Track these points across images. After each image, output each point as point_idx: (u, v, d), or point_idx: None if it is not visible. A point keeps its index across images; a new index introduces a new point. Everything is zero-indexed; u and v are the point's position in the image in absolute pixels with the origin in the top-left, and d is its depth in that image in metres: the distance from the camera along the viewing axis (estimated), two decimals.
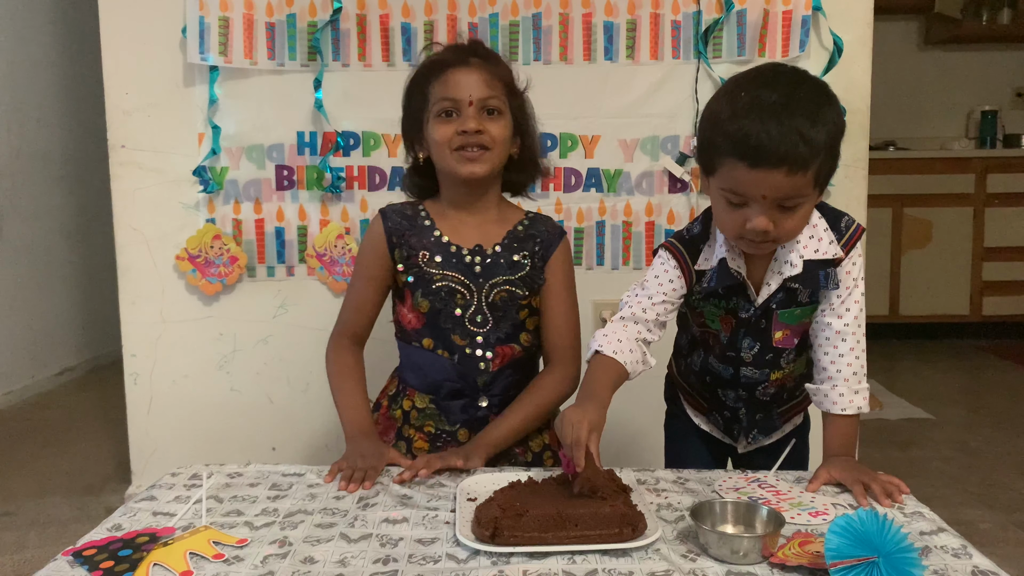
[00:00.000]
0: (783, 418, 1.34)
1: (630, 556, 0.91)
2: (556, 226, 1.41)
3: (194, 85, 2.12)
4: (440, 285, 1.32)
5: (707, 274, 1.21)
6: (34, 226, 3.54)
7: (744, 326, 1.24)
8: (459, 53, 1.33)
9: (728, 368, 1.29)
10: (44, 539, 2.06)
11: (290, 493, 1.11)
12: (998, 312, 4.25)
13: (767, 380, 1.28)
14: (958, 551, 0.92)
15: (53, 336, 3.65)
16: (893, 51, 4.42)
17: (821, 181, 1.09)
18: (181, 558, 0.91)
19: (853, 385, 1.18)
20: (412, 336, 1.37)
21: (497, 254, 1.34)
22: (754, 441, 1.35)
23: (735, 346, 1.26)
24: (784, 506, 1.04)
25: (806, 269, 1.16)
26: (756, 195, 1.06)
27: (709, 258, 1.22)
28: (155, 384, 2.23)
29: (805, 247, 1.16)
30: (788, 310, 1.21)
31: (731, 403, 1.32)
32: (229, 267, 2.15)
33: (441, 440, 1.35)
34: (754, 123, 1.03)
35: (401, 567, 0.89)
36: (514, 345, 1.35)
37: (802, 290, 1.19)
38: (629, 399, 2.22)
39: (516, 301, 1.33)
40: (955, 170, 4.18)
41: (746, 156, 1.04)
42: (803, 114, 1.04)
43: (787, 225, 1.09)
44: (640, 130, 2.13)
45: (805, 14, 2.05)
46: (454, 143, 1.28)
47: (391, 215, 1.38)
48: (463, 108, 1.28)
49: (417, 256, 1.33)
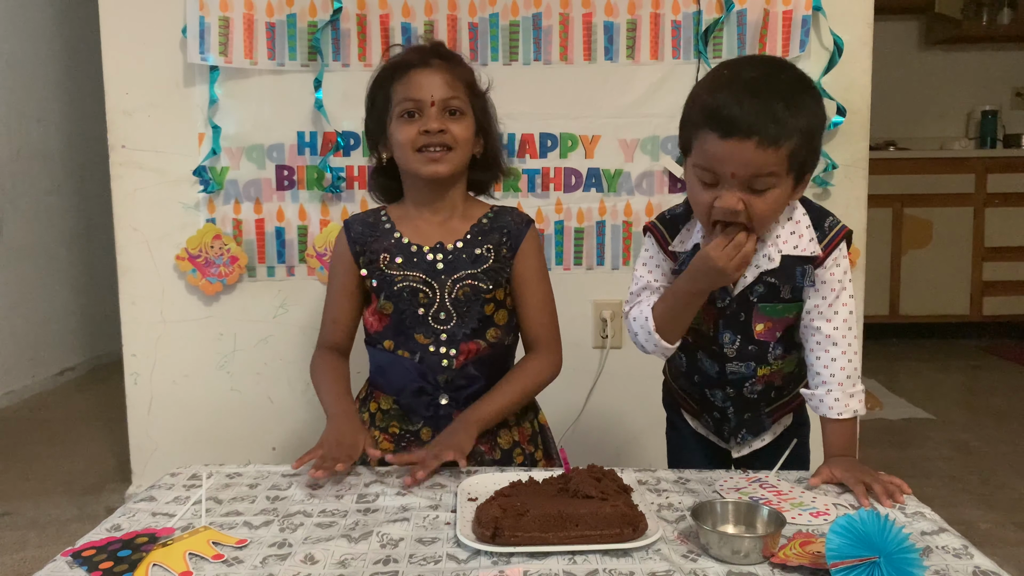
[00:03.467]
0: (772, 418, 1.33)
1: (631, 556, 0.91)
2: (523, 216, 1.42)
3: (194, 85, 2.12)
4: (402, 285, 1.33)
5: (680, 257, 1.23)
6: (34, 226, 3.54)
7: (722, 317, 1.24)
8: (421, 54, 1.35)
9: (714, 365, 1.29)
10: (44, 539, 2.06)
11: (290, 493, 1.11)
12: (998, 312, 4.25)
13: (754, 376, 1.27)
14: (959, 551, 0.92)
15: (53, 336, 3.65)
16: (893, 51, 4.41)
17: (796, 168, 1.09)
18: (180, 559, 0.91)
19: (848, 389, 1.17)
20: (375, 339, 1.39)
21: (459, 250, 1.35)
22: (743, 442, 1.34)
23: (717, 340, 1.26)
24: (785, 506, 1.04)
25: (783, 264, 1.17)
26: (726, 171, 1.07)
27: (685, 241, 1.23)
28: (155, 384, 2.23)
29: (785, 242, 1.17)
30: (771, 304, 1.20)
31: (719, 403, 1.32)
32: (229, 267, 2.15)
33: (405, 440, 1.36)
34: (730, 95, 1.05)
35: (402, 567, 0.89)
36: (479, 341, 1.35)
37: (783, 286, 1.18)
38: (629, 399, 2.23)
39: (480, 295, 1.34)
40: (955, 170, 4.18)
41: (719, 126, 1.05)
42: (780, 95, 1.06)
43: (758, 208, 1.09)
44: (640, 130, 2.13)
45: (805, 14, 2.05)
46: (417, 143, 1.30)
47: (353, 225, 1.40)
48: (425, 108, 1.30)
49: (379, 259, 1.35)
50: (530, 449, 1.39)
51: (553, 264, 2.17)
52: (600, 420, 2.24)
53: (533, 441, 1.40)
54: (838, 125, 2.08)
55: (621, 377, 2.23)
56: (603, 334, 2.20)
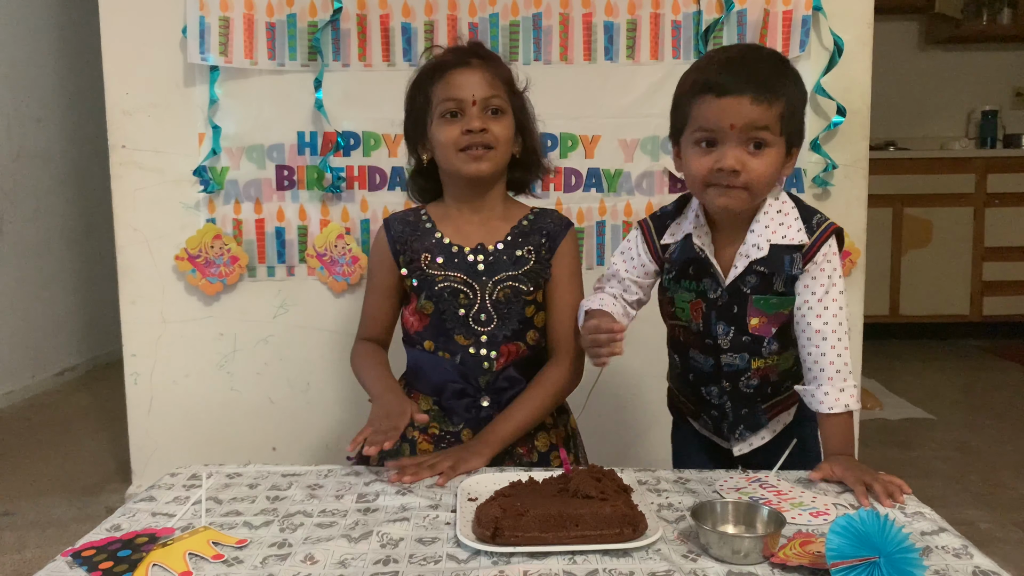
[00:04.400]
0: (768, 415, 1.33)
1: (631, 556, 0.91)
2: (563, 218, 1.41)
3: (194, 85, 2.12)
4: (443, 286, 1.32)
5: (671, 247, 1.29)
6: (34, 226, 3.54)
7: (714, 309, 1.25)
8: (460, 54, 1.34)
9: (708, 359, 1.29)
10: (44, 539, 2.06)
11: (289, 493, 1.11)
12: (998, 312, 4.25)
13: (749, 369, 1.27)
14: (959, 551, 0.92)
15: (53, 336, 3.65)
16: (893, 51, 4.41)
17: (786, 133, 1.16)
18: (180, 559, 0.91)
19: (838, 383, 1.18)
20: (415, 339, 1.38)
21: (500, 251, 1.34)
22: (742, 438, 1.34)
23: (711, 333, 1.27)
24: (785, 506, 1.04)
25: (772, 253, 1.20)
26: (725, 126, 1.14)
27: (676, 233, 1.28)
28: (155, 384, 2.23)
29: (773, 232, 1.21)
30: (764, 297, 1.22)
31: (715, 399, 1.32)
32: (229, 267, 2.15)
33: (445, 441, 1.35)
34: (720, 66, 1.16)
35: (402, 567, 0.89)
36: (519, 343, 1.35)
37: (775, 277, 1.21)
38: (629, 399, 2.23)
39: (520, 297, 1.33)
40: (955, 170, 4.18)
41: (713, 88, 1.14)
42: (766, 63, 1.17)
43: (755, 167, 1.15)
44: (640, 130, 2.13)
45: (805, 14, 2.05)
46: (460, 143, 1.29)
47: (394, 224, 1.40)
48: (467, 108, 1.30)
49: (420, 259, 1.34)
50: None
51: None
52: (600, 420, 2.24)
53: (567, 444, 1.40)
54: (838, 125, 2.08)
55: (621, 377, 2.23)
56: None
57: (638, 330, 2.21)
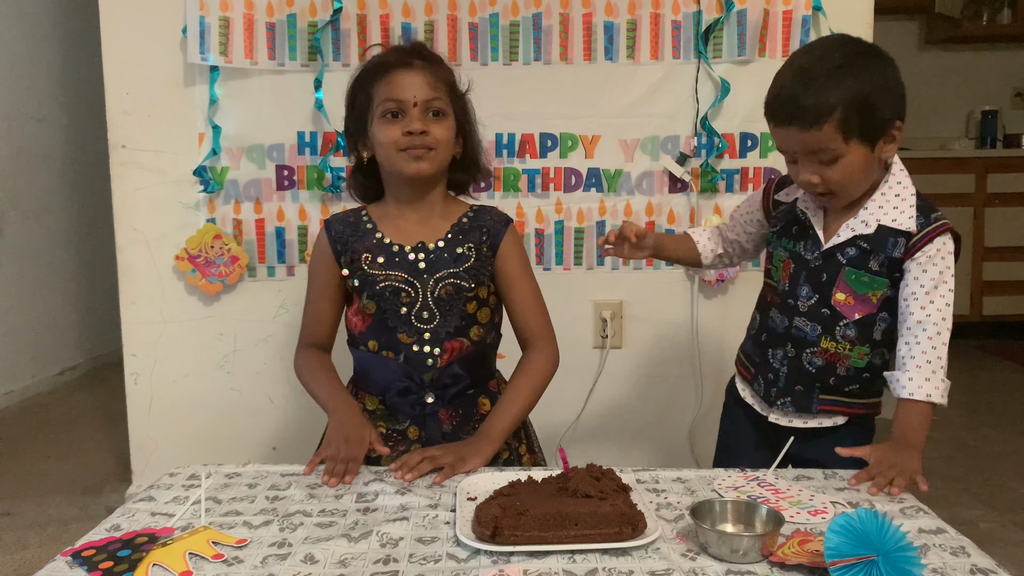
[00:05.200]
0: (821, 405, 1.32)
1: (630, 555, 0.91)
2: (501, 214, 1.42)
3: (194, 85, 2.12)
4: (384, 285, 1.33)
5: (781, 207, 1.37)
6: (35, 226, 3.54)
7: (804, 270, 1.30)
8: (403, 55, 1.35)
9: (784, 319, 1.34)
10: (44, 539, 2.06)
11: (289, 493, 1.11)
12: (998, 312, 4.25)
13: (817, 345, 1.30)
14: (957, 550, 0.92)
15: (53, 336, 3.65)
16: (893, 51, 4.34)
17: (856, 133, 1.19)
18: (180, 558, 0.91)
19: (925, 372, 1.20)
20: (358, 340, 1.39)
21: (440, 249, 1.35)
22: (783, 409, 1.34)
23: (794, 293, 1.32)
24: (783, 505, 1.04)
25: (878, 232, 1.24)
26: (791, 150, 1.23)
27: (790, 194, 1.36)
28: (155, 384, 2.23)
29: (885, 214, 1.25)
30: (857, 272, 1.26)
31: (776, 363, 1.35)
32: (229, 267, 2.15)
33: (392, 439, 1.36)
34: (776, 89, 1.22)
35: (402, 567, 0.89)
36: (463, 340, 1.36)
37: (874, 255, 1.25)
38: (629, 399, 2.23)
39: (462, 294, 1.34)
40: (955, 170, 4.18)
41: (772, 118, 1.23)
42: (823, 77, 1.18)
43: (832, 177, 1.21)
44: (640, 130, 2.13)
45: (805, 14, 2.05)
46: (400, 143, 1.30)
47: (334, 224, 1.41)
48: (408, 109, 1.30)
49: (360, 259, 1.35)
50: (515, 444, 1.39)
51: (553, 264, 2.17)
52: (600, 420, 2.25)
53: (517, 436, 1.40)
54: None
55: (621, 377, 2.24)
56: (603, 334, 2.20)
57: (639, 330, 2.22)
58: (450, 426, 1.35)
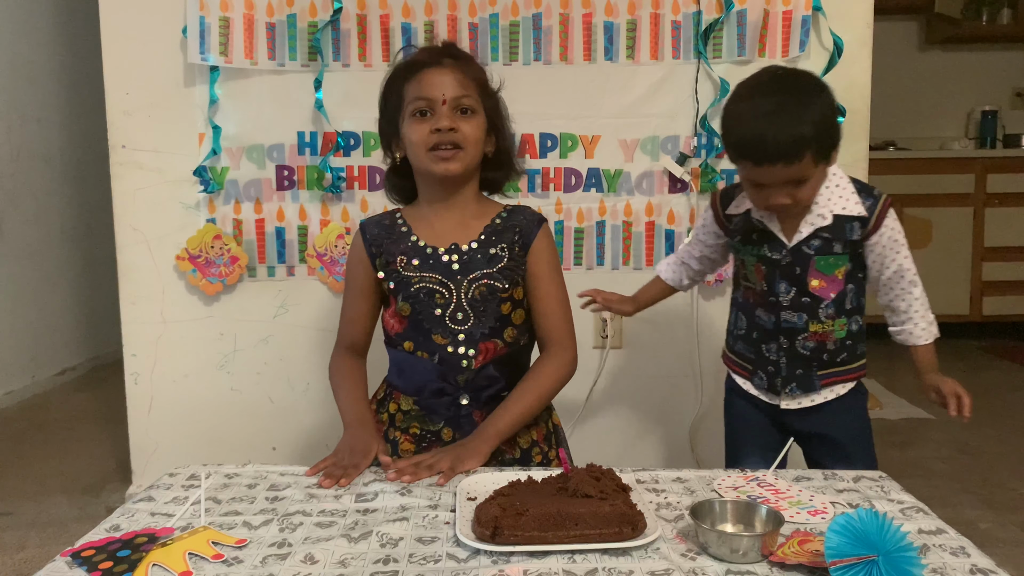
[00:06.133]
0: (823, 381, 1.45)
1: (630, 555, 0.91)
2: (535, 214, 1.42)
3: (194, 85, 2.12)
4: (419, 287, 1.33)
5: (734, 219, 1.47)
6: (35, 226, 3.55)
7: (778, 269, 1.41)
8: (433, 54, 1.36)
9: (771, 316, 1.44)
10: (44, 539, 2.06)
11: (289, 493, 1.11)
12: (998, 312, 4.25)
13: (806, 330, 1.42)
14: (957, 550, 0.92)
15: (53, 336, 3.65)
16: (893, 51, 4.41)
17: (822, 157, 1.32)
18: (180, 558, 0.91)
19: (928, 317, 1.46)
20: (395, 340, 1.39)
21: (474, 250, 1.35)
22: (792, 394, 1.46)
23: (773, 290, 1.43)
24: (783, 505, 1.04)
25: (835, 222, 1.38)
26: (767, 183, 1.33)
27: (739, 206, 1.46)
28: (155, 384, 2.23)
29: (835, 204, 1.38)
30: (824, 258, 1.39)
31: (773, 356, 1.46)
32: (229, 267, 2.15)
33: (426, 440, 1.36)
34: (752, 131, 1.30)
35: (402, 567, 0.89)
36: (497, 341, 1.35)
37: (836, 241, 1.39)
38: (629, 399, 2.23)
39: (496, 295, 1.34)
40: (955, 170, 4.18)
41: (750, 157, 1.32)
42: (791, 115, 1.28)
43: (802, 195, 1.34)
44: (640, 130, 2.13)
45: (805, 14, 2.05)
46: (429, 142, 1.30)
47: (369, 227, 1.41)
48: (437, 107, 1.30)
49: (396, 262, 1.36)
50: (546, 448, 1.39)
51: None
52: (600, 420, 2.25)
53: (548, 440, 1.40)
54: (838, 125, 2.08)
55: (621, 377, 2.24)
56: (603, 334, 2.20)
57: (639, 330, 2.22)
58: None
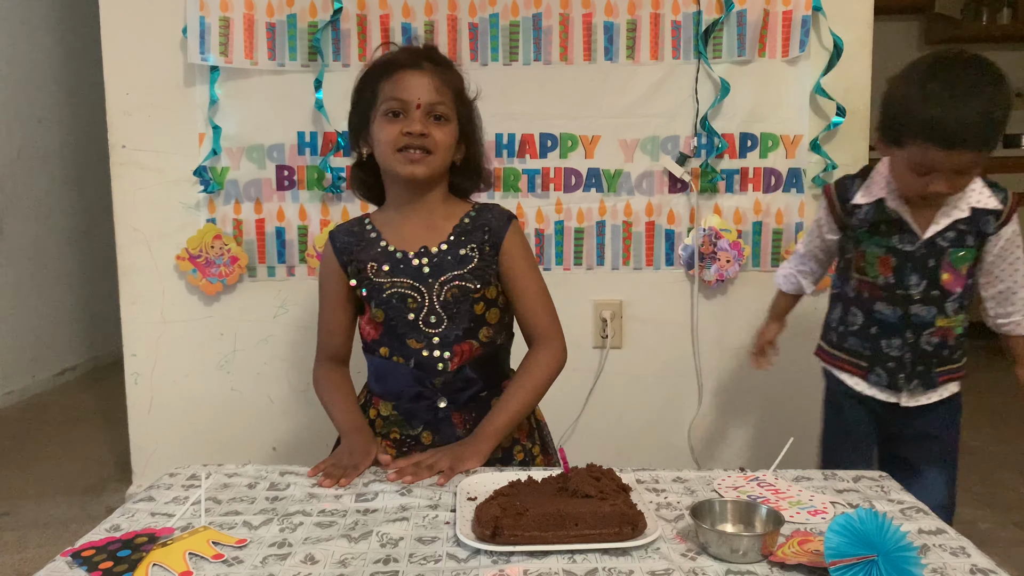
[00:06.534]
0: (940, 377, 1.48)
1: (630, 555, 0.91)
2: (504, 211, 1.41)
3: (194, 85, 2.13)
4: (390, 293, 1.33)
5: (863, 208, 1.46)
6: (35, 226, 3.55)
7: (910, 261, 1.42)
8: (412, 56, 1.34)
9: (897, 310, 1.45)
10: (44, 539, 2.06)
11: (289, 493, 1.11)
12: None
13: (933, 324, 1.44)
14: (957, 550, 0.92)
15: (53, 336, 3.65)
16: (893, 51, 4.38)
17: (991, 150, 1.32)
18: (180, 558, 0.91)
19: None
20: (372, 346, 1.39)
21: (444, 252, 1.34)
22: (915, 391, 1.48)
23: (903, 283, 1.43)
24: (783, 505, 1.04)
25: (973, 215, 1.40)
26: (945, 169, 1.31)
27: (868, 196, 1.46)
28: (156, 384, 2.23)
29: (971, 198, 1.41)
30: (957, 251, 1.41)
31: (896, 352, 1.47)
32: (230, 267, 2.15)
33: (407, 445, 1.36)
34: (945, 112, 1.26)
35: (402, 567, 0.89)
36: (472, 342, 1.35)
37: (970, 234, 1.41)
38: (629, 399, 2.23)
39: (468, 295, 1.33)
40: None
41: (940, 140, 1.28)
42: (988, 99, 1.28)
43: (963, 183, 1.35)
44: (640, 130, 2.13)
45: (805, 14, 2.05)
46: (398, 143, 1.29)
47: (339, 236, 1.40)
48: (410, 110, 1.29)
49: (367, 268, 1.35)
50: (528, 445, 1.39)
51: (553, 264, 2.17)
52: (600, 420, 2.25)
53: (531, 437, 1.40)
54: (838, 125, 2.08)
55: (621, 377, 2.24)
56: (603, 334, 2.20)
57: (639, 330, 2.22)
58: (463, 430, 1.33)
